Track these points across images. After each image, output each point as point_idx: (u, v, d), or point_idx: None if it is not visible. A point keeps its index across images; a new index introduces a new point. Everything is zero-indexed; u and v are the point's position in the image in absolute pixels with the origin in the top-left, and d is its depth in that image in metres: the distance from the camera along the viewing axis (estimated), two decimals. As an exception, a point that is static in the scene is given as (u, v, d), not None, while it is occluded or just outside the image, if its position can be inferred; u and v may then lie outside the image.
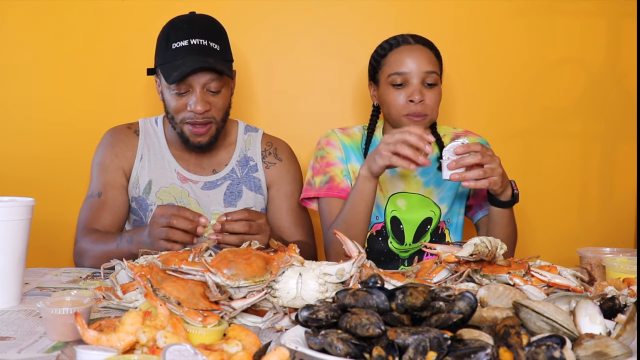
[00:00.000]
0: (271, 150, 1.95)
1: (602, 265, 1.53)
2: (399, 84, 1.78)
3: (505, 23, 2.29)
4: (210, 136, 1.78)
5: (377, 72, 1.85)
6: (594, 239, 2.29)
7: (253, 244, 1.32)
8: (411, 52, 1.79)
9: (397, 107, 1.78)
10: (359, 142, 1.92)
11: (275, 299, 1.15)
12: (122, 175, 1.85)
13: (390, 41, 1.84)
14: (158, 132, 1.90)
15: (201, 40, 1.71)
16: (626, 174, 2.34)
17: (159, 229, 1.45)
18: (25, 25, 2.19)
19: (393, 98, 1.79)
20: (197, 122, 1.73)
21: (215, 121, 1.77)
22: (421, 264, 1.41)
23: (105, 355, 0.85)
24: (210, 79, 1.71)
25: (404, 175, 1.90)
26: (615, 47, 2.31)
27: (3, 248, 1.22)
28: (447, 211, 1.92)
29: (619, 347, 0.89)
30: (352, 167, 1.88)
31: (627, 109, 2.32)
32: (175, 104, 1.73)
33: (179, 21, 1.76)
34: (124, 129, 1.90)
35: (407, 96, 1.77)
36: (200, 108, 1.70)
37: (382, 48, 1.84)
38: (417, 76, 1.77)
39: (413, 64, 1.77)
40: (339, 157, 1.88)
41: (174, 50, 1.70)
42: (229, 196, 1.88)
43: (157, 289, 1.08)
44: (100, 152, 1.87)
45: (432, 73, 1.78)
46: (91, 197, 1.82)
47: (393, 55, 1.80)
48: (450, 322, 0.91)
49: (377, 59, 1.85)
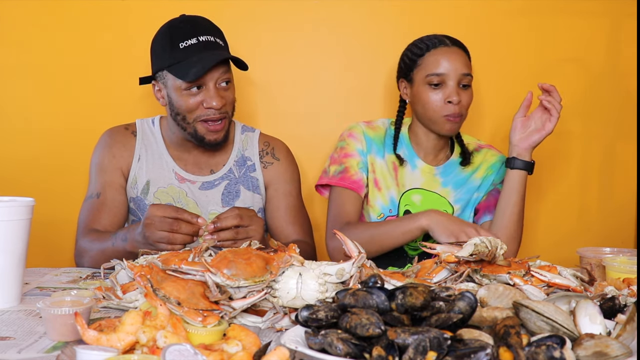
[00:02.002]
0: (268, 150, 1.95)
1: (602, 265, 1.53)
2: (436, 84, 1.82)
3: (505, 23, 2.29)
4: (225, 131, 1.79)
5: (411, 70, 1.88)
6: (594, 239, 2.29)
7: (253, 244, 1.32)
8: (449, 54, 1.83)
9: (435, 107, 1.83)
10: (382, 136, 1.95)
11: (275, 299, 1.15)
12: (120, 175, 1.85)
13: (426, 42, 1.87)
14: (155, 132, 1.90)
15: (208, 37, 1.73)
16: (626, 174, 2.34)
17: (158, 232, 1.43)
18: (24, 25, 2.19)
19: (430, 98, 1.83)
20: (212, 118, 1.73)
21: (228, 115, 1.78)
22: (421, 264, 1.41)
23: (105, 355, 0.85)
24: (222, 72, 1.73)
25: (425, 172, 1.94)
26: (616, 47, 2.31)
27: (3, 248, 1.22)
28: (459, 213, 1.95)
29: (619, 347, 0.89)
30: (371, 159, 1.92)
31: (627, 109, 2.32)
32: (189, 103, 1.73)
33: (178, 22, 1.76)
34: (121, 129, 1.90)
35: (445, 97, 1.82)
36: (217, 103, 1.71)
37: (418, 47, 1.87)
38: (454, 78, 1.82)
39: (450, 66, 1.82)
40: (358, 149, 1.91)
41: (183, 49, 1.70)
42: (227, 196, 1.88)
43: (157, 289, 1.08)
44: (98, 153, 1.87)
45: (467, 75, 1.84)
46: (90, 198, 1.82)
47: (431, 56, 1.84)
48: (450, 322, 0.91)
49: (412, 57, 1.88)
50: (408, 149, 1.96)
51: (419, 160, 1.95)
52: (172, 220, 1.43)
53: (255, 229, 1.47)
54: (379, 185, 1.91)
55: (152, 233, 1.43)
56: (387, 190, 1.92)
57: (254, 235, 1.47)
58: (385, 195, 1.91)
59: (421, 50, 1.86)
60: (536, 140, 1.81)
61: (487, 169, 1.99)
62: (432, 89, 1.83)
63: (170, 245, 1.43)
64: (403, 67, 1.92)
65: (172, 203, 1.84)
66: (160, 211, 1.44)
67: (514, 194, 1.83)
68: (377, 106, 2.29)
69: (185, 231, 1.43)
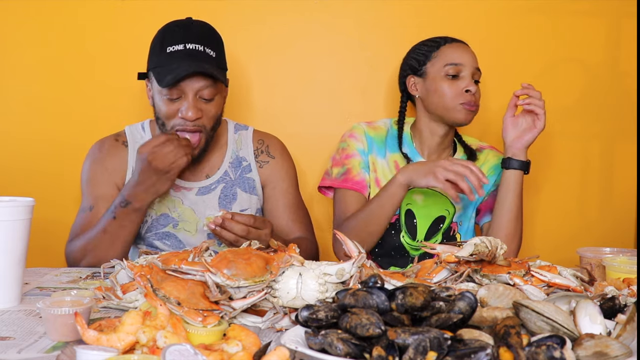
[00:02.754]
0: (263, 149, 1.93)
1: (602, 265, 1.53)
2: (453, 76, 1.86)
3: (504, 23, 2.29)
4: (200, 149, 1.74)
5: (424, 64, 1.91)
6: (594, 239, 2.28)
7: (253, 243, 1.32)
8: (463, 47, 1.91)
9: (453, 95, 1.86)
10: (383, 136, 1.97)
11: (275, 299, 1.15)
12: (114, 187, 1.81)
13: (439, 39, 1.92)
14: (146, 139, 1.84)
15: (197, 46, 1.68)
16: (626, 174, 2.34)
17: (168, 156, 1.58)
18: (24, 25, 2.19)
19: (448, 87, 1.86)
20: (186, 129, 1.69)
21: (205, 130, 1.73)
22: (421, 264, 1.41)
23: (105, 355, 0.85)
24: (204, 86, 1.68)
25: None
26: (615, 47, 2.31)
27: (3, 248, 1.22)
28: (460, 212, 1.96)
29: (619, 347, 0.89)
30: (372, 159, 1.94)
31: (627, 109, 2.32)
32: (166, 109, 1.70)
33: (175, 25, 1.73)
34: (111, 141, 1.86)
35: (463, 86, 1.86)
36: (192, 114, 1.67)
37: (433, 42, 1.93)
38: (470, 69, 1.87)
39: (467, 58, 1.88)
40: (359, 149, 1.93)
41: (168, 54, 1.68)
42: (224, 199, 1.86)
43: (157, 289, 1.08)
44: (89, 167, 1.84)
45: (479, 71, 1.89)
46: (83, 212, 1.80)
47: (447, 49, 1.90)
48: (450, 322, 0.91)
49: (425, 53, 1.92)
50: (410, 147, 1.97)
51: (421, 159, 1.96)
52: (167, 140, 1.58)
53: (267, 234, 1.49)
54: (381, 184, 1.92)
55: (162, 161, 1.55)
56: None
57: (265, 239, 1.47)
58: None
59: (437, 44, 1.91)
60: (529, 139, 1.83)
61: (488, 169, 1.99)
62: (449, 80, 1.86)
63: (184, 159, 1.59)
64: (413, 63, 1.94)
65: (167, 213, 1.83)
66: (153, 142, 1.57)
67: (511, 193, 1.84)
68: (377, 106, 2.29)
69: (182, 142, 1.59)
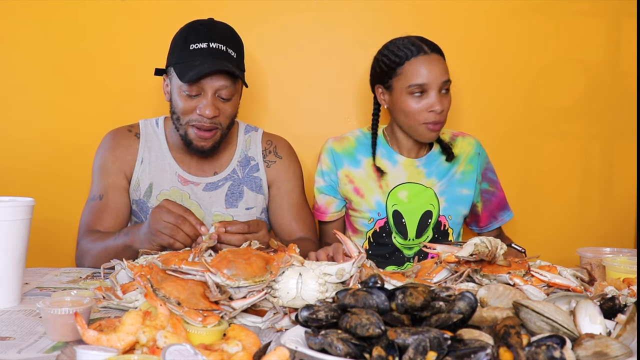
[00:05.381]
0: (271, 149, 1.96)
1: (602, 265, 1.53)
2: (419, 93, 1.82)
3: (504, 23, 2.29)
4: (214, 142, 1.78)
5: (390, 78, 1.86)
6: (594, 239, 2.29)
7: (253, 244, 1.32)
8: (428, 62, 1.82)
9: (417, 116, 1.83)
10: (352, 147, 1.97)
11: (275, 299, 1.15)
12: (123, 177, 1.85)
13: (404, 49, 1.84)
14: (159, 134, 1.90)
15: (220, 45, 1.71)
16: (626, 174, 2.34)
17: (163, 223, 1.45)
18: (24, 25, 2.19)
19: (412, 107, 1.83)
20: (203, 126, 1.73)
21: (221, 128, 1.77)
22: (421, 264, 1.41)
23: (105, 355, 0.85)
24: (223, 85, 1.71)
25: (407, 165, 1.95)
26: (615, 47, 2.31)
27: (3, 248, 1.22)
28: (445, 206, 1.95)
29: (619, 347, 0.89)
30: (345, 172, 1.95)
31: (627, 109, 2.32)
32: (184, 105, 1.73)
33: (199, 24, 1.76)
34: (124, 131, 1.89)
35: (427, 106, 1.82)
36: (210, 112, 1.70)
37: (396, 55, 1.84)
38: (436, 87, 1.81)
39: (432, 76, 1.81)
40: (322, 171, 1.97)
41: (191, 51, 1.70)
42: (230, 197, 1.88)
43: (157, 289, 1.08)
44: (101, 155, 1.87)
45: (447, 82, 1.83)
46: (92, 200, 1.82)
47: (411, 66, 1.82)
48: (450, 322, 0.91)
49: (390, 65, 1.86)
50: (386, 147, 1.97)
51: (398, 155, 1.96)
52: (179, 216, 1.45)
53: (264, 234, 1.49)
54: (361, 192, 1.93)
55: (157, 222, 1.46)
56: (371, 195, 1.92)
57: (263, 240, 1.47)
58: (370, 200, 1.92)
59: (400, 59, 1.84)
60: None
61: (466, 162, 1.99)
62: (414, 98, 1.82)
63: (171, 238, 1.45)
64: (379, 72, 1.90)
65: None
66: (170, 205, 1.48)
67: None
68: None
69: (187, 230, 1.45)
